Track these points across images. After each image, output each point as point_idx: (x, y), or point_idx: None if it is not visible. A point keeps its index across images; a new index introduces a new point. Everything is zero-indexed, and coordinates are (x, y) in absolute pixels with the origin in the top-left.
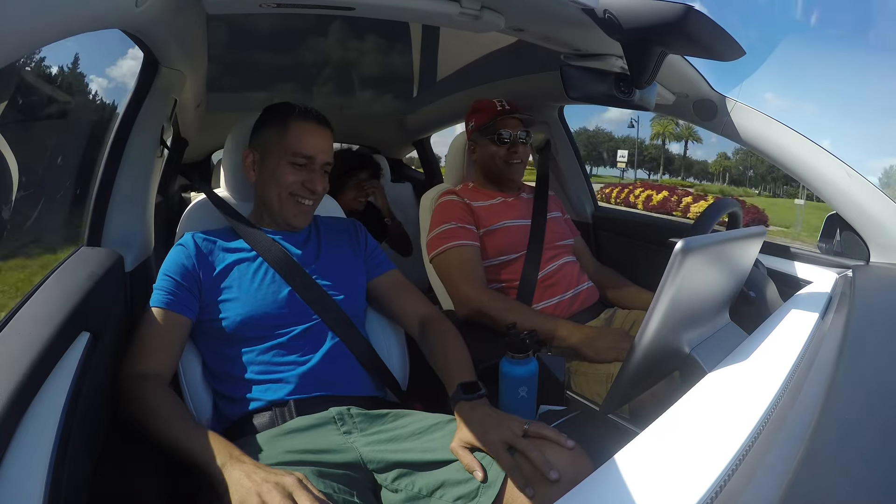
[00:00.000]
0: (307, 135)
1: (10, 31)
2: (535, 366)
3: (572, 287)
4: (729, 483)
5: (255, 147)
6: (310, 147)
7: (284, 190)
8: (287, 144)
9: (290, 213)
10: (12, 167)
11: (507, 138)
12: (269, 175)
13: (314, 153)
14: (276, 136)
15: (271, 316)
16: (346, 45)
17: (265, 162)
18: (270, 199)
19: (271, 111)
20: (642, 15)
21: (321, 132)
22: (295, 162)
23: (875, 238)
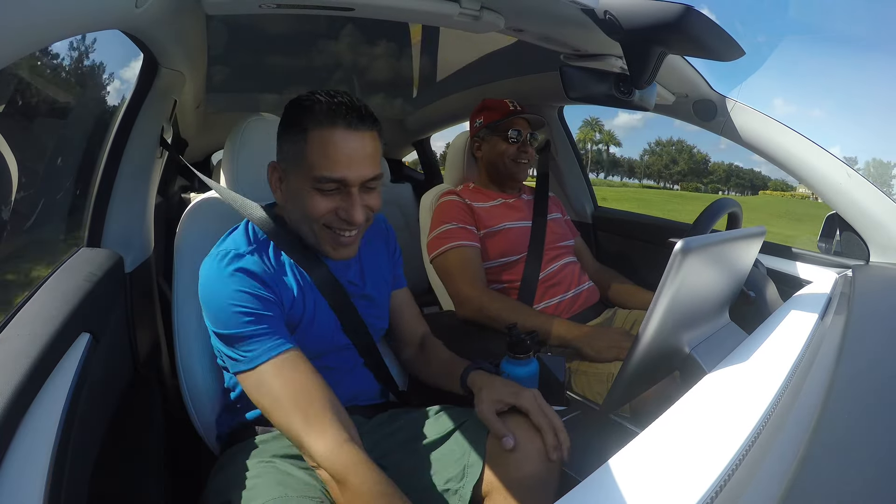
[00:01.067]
0: (332, 146)
1: (9, 32)
2: (535, 366)
3: (573, 287)
4: (729, 483)
5: (280, 160)
6: (336, 164)
7: (316, 222)
8: (307, 164)
9: (329, 248)
10: (12, 167)
11: (518, 138)
12: (295, 201)
13: (344, 174)
14: (294, 151)
15: (313, 345)
16: (345, 45)
17: (290, 184)
18: (303, 231)
19: (289, 110)
20: (642, 15)
21: (356, 137)
22: (322, 188)
23: (875, 238)
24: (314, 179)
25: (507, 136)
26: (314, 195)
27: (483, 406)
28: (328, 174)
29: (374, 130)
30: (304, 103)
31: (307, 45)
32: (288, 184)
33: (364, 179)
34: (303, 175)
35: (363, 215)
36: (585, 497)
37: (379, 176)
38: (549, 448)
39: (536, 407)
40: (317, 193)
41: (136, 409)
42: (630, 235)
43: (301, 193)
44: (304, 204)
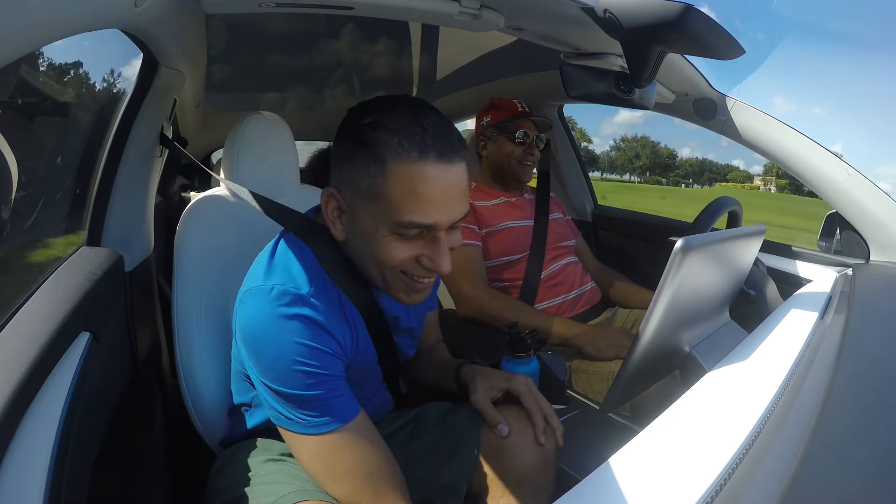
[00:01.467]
0: (424, 188)
1: (8, 32)
2: (535, 365)
3: (575, 287)
4: (729, 482)
5: (340, 187)
6: (429, 209)
7: (391, 269)
8: (386, 203)
9: (401, 294)
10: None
11: (524, 139)
12: (361, 241)
13: (436, 218)
14: (367, 184)
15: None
16: (345, 44)
17: (355, 219)
18: (371, 274)
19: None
20: (642, 14)
21: (449, 172)
22: (403, 234)
23: (875, 237)
24: (396, 224)
25: (515, 137)
26: (392, 240)
27: (478, 395)
28: (417, 220)
29: (463, 162)
30: (381, 122)
31: (307, 44)
32: (353, 219)
33: (455, 221)
34: (378, 215)
35: (449, 264)
36: (585, 496)
37: (467, 212)
38: (538, 432)
39: (527, 390)
40: (395, 238)
41: (136, 409)
42: (630, 234)
43: (374, 236)
44: (376, 248)
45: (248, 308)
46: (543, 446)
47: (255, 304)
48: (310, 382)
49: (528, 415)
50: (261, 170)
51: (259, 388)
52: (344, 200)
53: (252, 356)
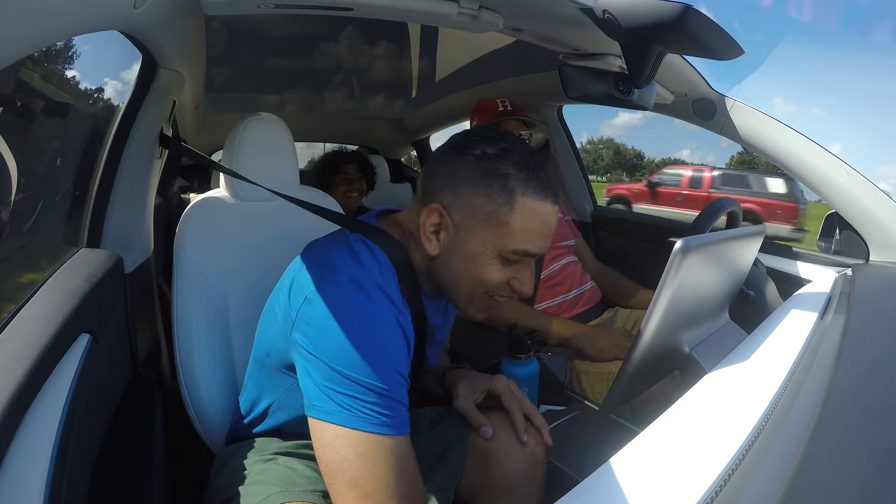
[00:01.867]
0: (541, 222)
1: (7, 33)
2: (535, 366)
3: (575, 287)
4: (729, 483)
5: (449, 207)
6: (541, 241)
7: (481, 289)
8: (505, 231)
9: (475, 310)
10: (11, 168)
11: None
12: (460, 260)
13: (540, 249)
14: (490, 210)
15: None
16: (345, 45)
17: (459, 238)
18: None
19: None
20: (641, 14)
21: (555, 213)
22: (509, 258)
23: (874, 237)
24: (510, 251)
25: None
26: (495, 263)
27: (460, 398)
28: (530, 249)
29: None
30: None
31: (306, 45)
32: (455, 238)
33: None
34: (491, 239)
35: (531, 284)
36: (585, 497)
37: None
38: (518, 431)
39: (507, 390)
40: (498, 262)
41: (136, 410)
42: (630, 235)
43: (479, 257)
44: (478, 268)
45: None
46: (532, 452)
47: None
48: (396, 382)
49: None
50: (260, 170)
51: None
52: (450, 219)
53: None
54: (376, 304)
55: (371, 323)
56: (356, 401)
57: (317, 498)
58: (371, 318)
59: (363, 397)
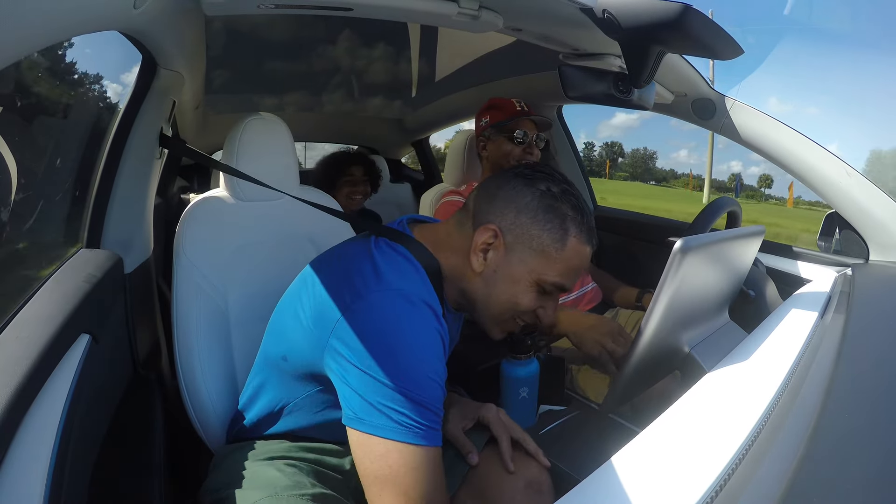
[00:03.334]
0: (581, 261)
1: (8, 33)
2: (536, 366)
3: (577, 287)
4: (729, 482)
5: (506, 230)
6: (575, 276)
7: (511, 312)
8: (552, 265)
9: (497, 331)
10: (11, 168)
11: (523, 139)
12: (502, 281)
13: (572, 285)
14: (543, 241)
15: None
16: (344, 45)
17: (507, 261)
18: (486, 310)
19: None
20: (641, 14)
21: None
22: (546, 288)
23: (874, 237)
24: (550, 283)
25: (514, 136)
26: (532, 290)
27: (448, 425)
28: (567, 284)
29: None
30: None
31: (307, 45)
32: (503, 260)
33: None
34: (536, 267)
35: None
36: (585, 497)
37: None
38: (504, 456)
39: (496, 418)
40: (535, 290)
41: (136, 410)
42: (630, 234)
43: (518, 281)
44: (515, 291)
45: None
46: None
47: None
48: (436, 395)
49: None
50: (260, 171)
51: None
52: (504, 241)
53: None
54: (424, 318)
55: (420, 337)
56: (406, 416)
57: (304, 501)
58: (419, 333)
59: (412, 412)
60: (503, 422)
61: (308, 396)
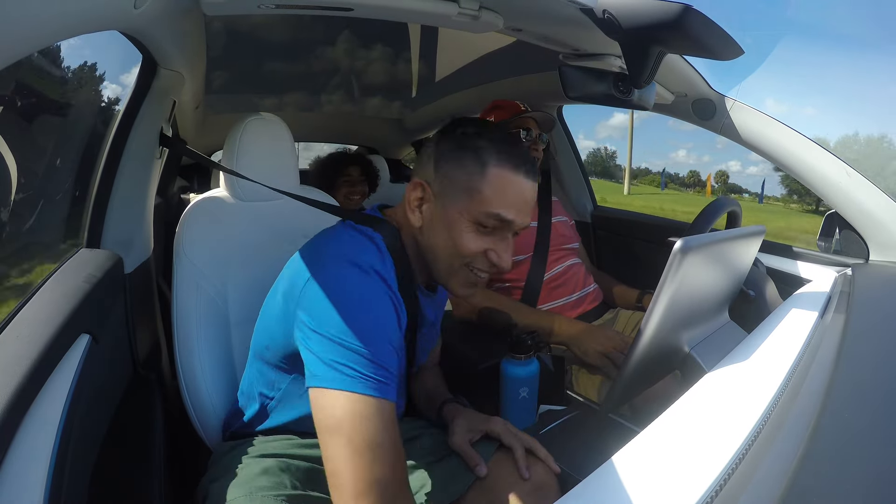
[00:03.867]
0: (514, 190)
1: (7, 33)
2: (536, 366)
3: (579, 289)
4: (729, 482)
5: (431, 181)
6: (511, 205)
7: (460, 259)
8: (479, 197)
9: (457, 286)
10: (11, 168)
11: (528, 136)
12: (441, 230)
13: (514, 215)
14: (465, 180)
15: None
16: (344, 45)
17: (439, 209)
18: (437, 263)
19: (461, 135)
20: (641, 14)
21: (529, 186)
22: (484, 224)
23: (874, 236)
24: (483, 215)
25: (519, 134)
26: (471, 231)
27: (455, 437)
28: (503, 213)
29: (536, 181)
30: (485, 134)
31: (307, 46)
32: (436, 209)
33: (522, 227)
34: (467, 206)
35: (510, 259)
36: (585, 497)
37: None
38: (519, 464)
39: (505, 429)
40: (474, 229)
41: (136, 410)
42: (629, 235)
43: (456, 225)
44: (454, 236)
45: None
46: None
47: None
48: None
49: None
50: (260, 171)
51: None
52: (432, 191)
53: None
54: (373, 282)
55: (368, 299)
56: (353, 369)
57: (278, 502)
58: (368, 295)
59: (359, 365)
60: (512, 432)
61: (290, 384)
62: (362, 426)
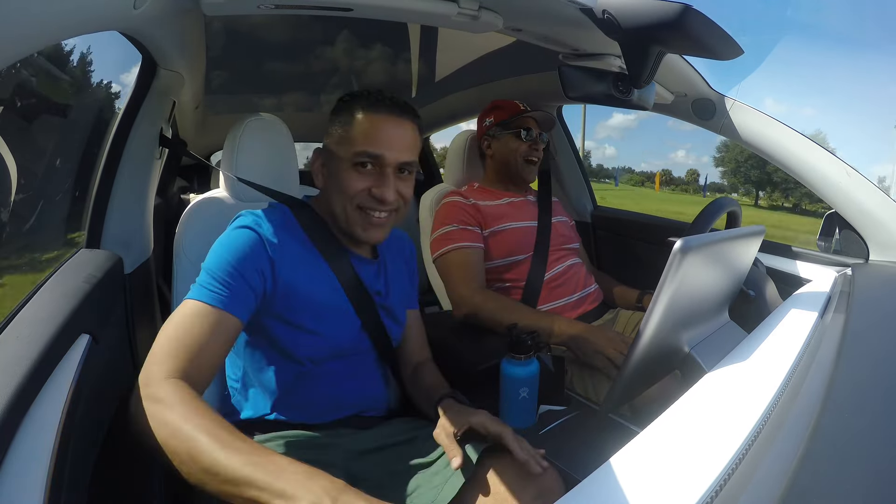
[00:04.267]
0: (376, 127)
1: (7, 34)
2: (536, 366)
3: (579, 289)
4: (729, 482)
5: (325, 146)
6: (378, 142)
7: (350, 201)
8: (351, 141)
9: (359, 229)
10: (11, 169)
11: (530, 135)
12: (333, 181)
13: (382, 150)
14: (342, 133)
15: (332, 347)
16: (344, 45)
17: (330, 165)
18: (336, 212)
19: (340, 103)
20: (641, 14)
21: (397, 123)
22: (360, 162)
23: (874, 236)
24: (355, 154)
25: (520, 133)
26: (352, 173)
27: (438, 429)
28: (370, 150)
29: (413, 122)
30: (355, 94)
31: (307, 46)
32: (329, 167)
33: (400, 162)
34: (343, 152)
35: (394, 195)
36: (585, 497)
37: (414, 163)
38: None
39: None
40: (354, 171)
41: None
42: (629, 235)
43: (340, 173)
44: (340, 182)
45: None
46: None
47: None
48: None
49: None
50: (260, 171)
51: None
52: (326, 154)
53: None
54: (243, 233)
55: (232, 243)
56: (199, 284)
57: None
58: (234, 240)
59: (204, 280)
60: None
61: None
62: (181, 323)
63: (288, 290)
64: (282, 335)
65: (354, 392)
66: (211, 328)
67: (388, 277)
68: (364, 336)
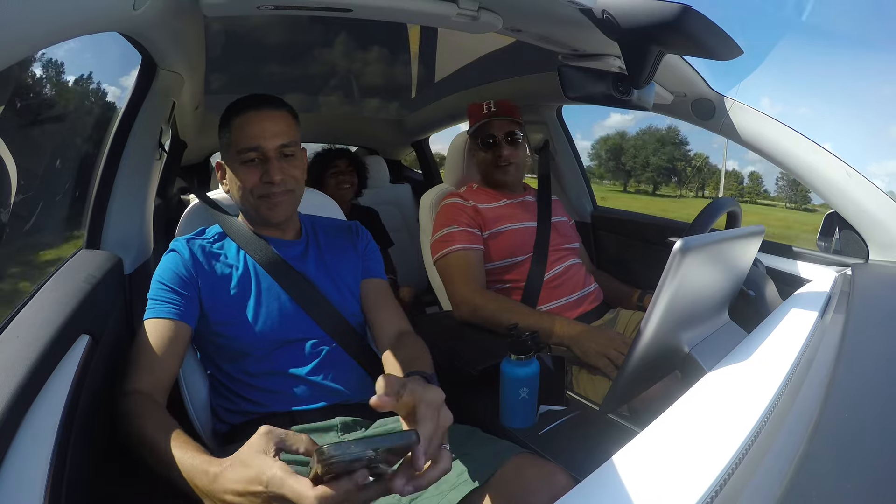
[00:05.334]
0: (248, 124)
1: (8, 35)
2: (536, 367)
3: (578, 289)
4: (728, 482)
5: (220, 160)
6: (251, 137)
7: (251, 194)
8: (234, 144)
9: (266, 212)
10: (11, 169)
11: (492, 141)
12: (233, 184)
13: (258, 141)
14: (226, 141)
15: (272, 330)
16: (344, 46)
17: (228, 173)
18: (246, 208)
19: (220, 119)
20: (640, 15)
21: (264, 115)
22: (246, 160)
23: (874, 236)
24: (239, 153)
25: (482, 141)
26: (242, 170)
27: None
28: (248, 144)
29: (281, 110)
30: (229, 106)
31: (306, 47)
32: (227, 174)
33: (276, 147)
34: (233, 156)
35: (280, 175)
36: (585, 497)
37: (292, 143)
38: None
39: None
40: (243, 168)
41: None
42: (629, 235)
43: (235, 174)
44: (238, 181)
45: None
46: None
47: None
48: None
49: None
50: None
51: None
52: (223, 164)
53: None
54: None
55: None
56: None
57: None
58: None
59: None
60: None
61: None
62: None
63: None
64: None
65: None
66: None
67: (322, 252)
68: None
